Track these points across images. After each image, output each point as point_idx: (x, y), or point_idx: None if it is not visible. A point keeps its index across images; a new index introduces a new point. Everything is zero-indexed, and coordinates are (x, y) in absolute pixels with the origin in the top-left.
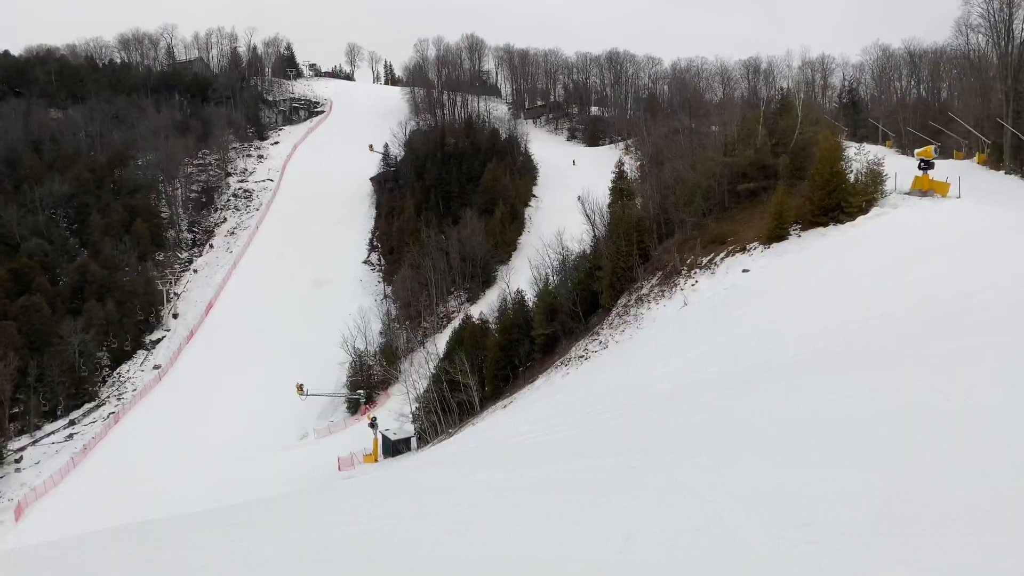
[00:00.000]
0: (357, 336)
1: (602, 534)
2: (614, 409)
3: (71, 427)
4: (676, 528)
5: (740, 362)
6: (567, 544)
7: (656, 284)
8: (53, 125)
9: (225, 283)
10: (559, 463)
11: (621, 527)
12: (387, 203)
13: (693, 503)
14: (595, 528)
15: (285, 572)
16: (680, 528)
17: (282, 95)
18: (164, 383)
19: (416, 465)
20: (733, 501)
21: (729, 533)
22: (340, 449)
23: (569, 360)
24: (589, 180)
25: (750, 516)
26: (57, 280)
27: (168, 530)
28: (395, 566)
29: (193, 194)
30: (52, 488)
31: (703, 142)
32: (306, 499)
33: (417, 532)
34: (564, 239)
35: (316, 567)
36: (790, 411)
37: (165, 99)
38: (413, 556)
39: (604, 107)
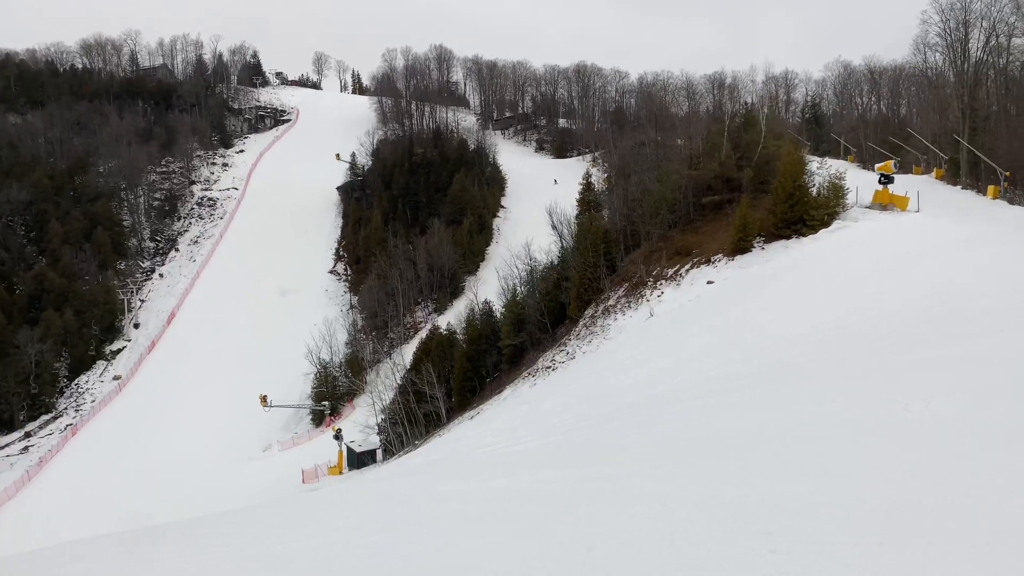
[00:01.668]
0: (322, 347)
1: (565, 545)
2: (580, 420)
3: (27, 439)
4: (640, 538)
5: (705, 373)
6: (530, 555)
7: (622, 295)
8: (12, 131)
9: (188, 292)
10: (524, 474)
11: (584, 537)
12: (354, 212)
13: (657, 512)
14: (558, 539)
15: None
16: (644, 538)
17: (248, 103)
18: (124, 394)
19: (381, 477)
20: (696, 511)
21: (692, 543)
22: (304, 461)
23: (536, 371)
24: (557, 192)
25: (713, 526)
26: (13, 289)
27: (127, 544)
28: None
29: (156, 202)
30: (5, 502)
31: (669, 155)
32: (269, 512)
33: (382, 544)
34: (532, 250)
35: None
36: (753, 421)
37: (128, 106)
38: (378, 568)
39: (572, 119)
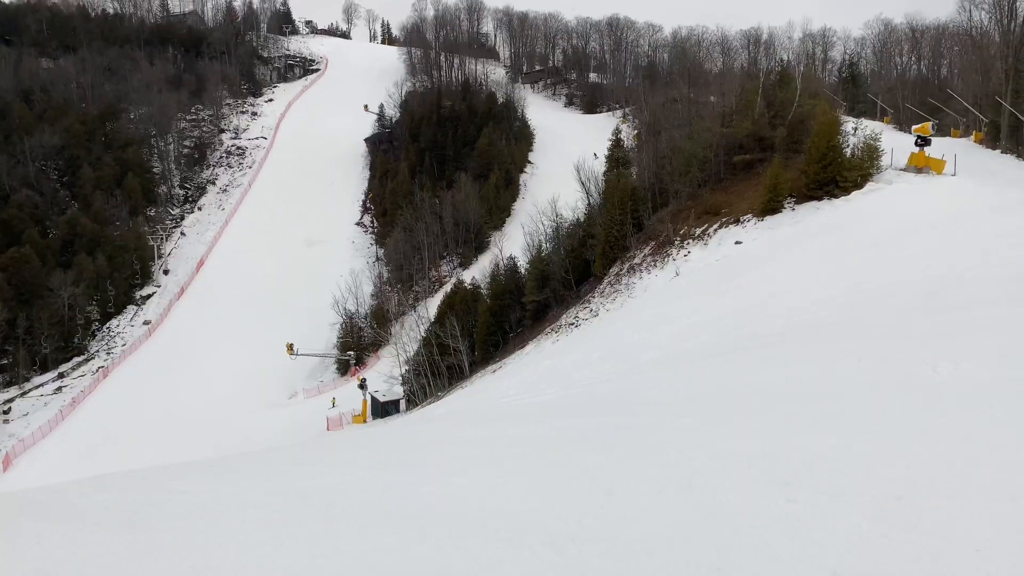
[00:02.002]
0: (348, 298)
1: (583, 489)
2: (602, 375)
3: (60, 380)
4: (659, 485)
5: (729, 332)
6: (548, 497)
7: (648, 254)
8: (44, 75)
9: (217, 241)
10: (544, 422)
11: (603, 482)
12: (381, 164)
13: (676, 462)
14: (577, 483)
15: (266, 517)
16: (662, 485)
17: (277, 52)
18: (154, 339)
19: (403, 424)
20: (715, 461)
21: (710, 491)
22: (329, 409)
23: (559, 327)
24: (585, 148)
25: (731, 475)
26: (47, 232)
27: (153, 478)
28: (374, 512)
29: (186, 150)
30: (40, 440)
31: (701, 112)
32: (291, 452)
33: (399, 482)
34: (558, 206)
35: (297, 512)
36: (777, 380)
37: (158, 52)
38: (396, 503)
39: (603, 74)
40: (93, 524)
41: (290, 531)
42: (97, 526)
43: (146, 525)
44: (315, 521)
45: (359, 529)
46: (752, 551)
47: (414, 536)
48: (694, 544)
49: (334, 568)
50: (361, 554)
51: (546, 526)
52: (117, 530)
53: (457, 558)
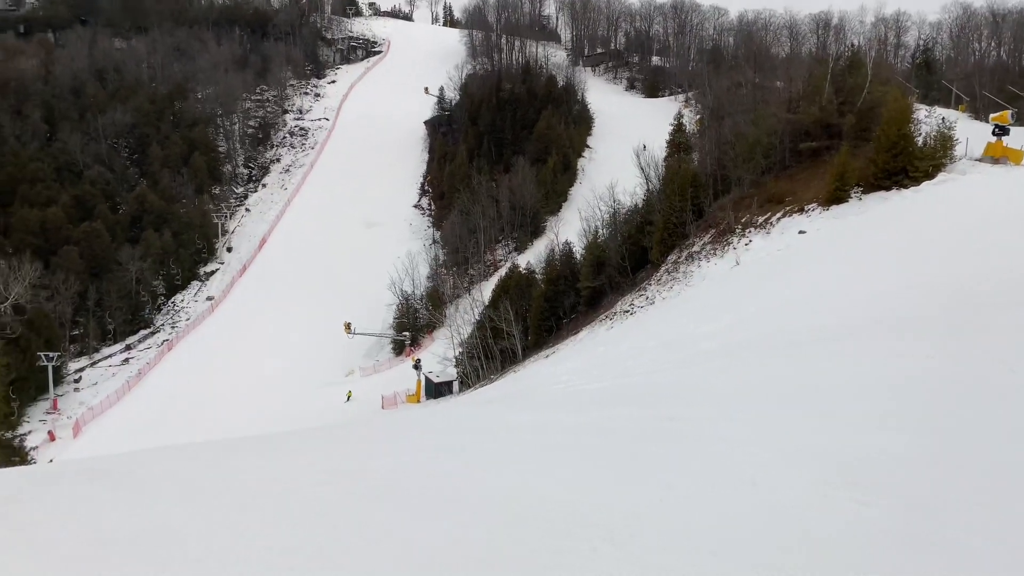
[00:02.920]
0: (405, 279)
1: (641, 482)
2: (657, 364)
3: (127, 351)
4: (718, 481)
5: (791, 324)
6: (604, 490)
7: (708, 242)
8: (117, 55)
9: (279, 220)
10: (598, 410)
11: (661, 475)
12: (440, 147)
13: (736, 457)
14: (633, 476)
15: (320, 497)
16: (722, 481)
17: (341, 33)
18: (216, 314)
19: (456, 406)
20: (777, 457)
21: (773, 488)
22: (384, 388)
23: (614, 314)
24: (646, 132)
25: (794, 473)
26: (117, 208)
27: (212, 451)
28: (428, 496)
29: (250, 130)
30: (108, 408)
31: (766, 97)
32: (347, 431)
33: (453, 467)
34: (616, 192)
35: (351, 493)
36: (839, 374)
37: (225, 33)
38: (450, 488)
39: (665, 57)
40: (151, 496)
41: (344, 513)
42: (155, 498)
43: (201, 500)
44: (369, 503)
45: (412, 513)
46: (816, 555)
47: (469, 523)
48: (756, 544)
49: (387, 552)
50: (414, 539)
51: (604, 519)
52: (175, 502)
53: (514, 549)
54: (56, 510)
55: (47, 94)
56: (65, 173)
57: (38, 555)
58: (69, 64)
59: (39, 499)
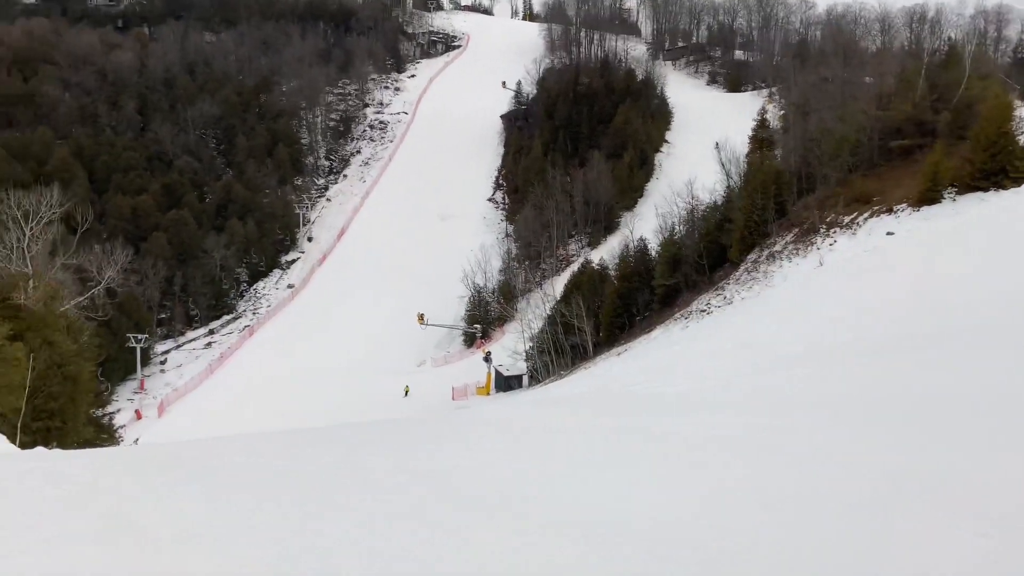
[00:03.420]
0: (477, 272)
1: (737, 500)
2: (738, 367)
3: (210, 336)
4: (821, 502)
5: (878, 329)
6: (697, 507)
7: (791, 241)
8: (207, 48)
9: (357, 211)
10: (682, 417)
11: (757, 494)
12: (515, 141)
13: (841, 476)
14: (728, 493)
15: (392, 496)
16: (825, 502)
17: (421, 28)
18: (296, 302)
19: (530, 402)
20: (886, 480)
21: (886, 514)
22: (454, 379)
23: (690, 313)
24: (727, 128)
25: (909, 499)
26: (204, 197)
27: (287, 443)
28: (506, 503)
29: (332, 123)
30: (191, 390)
31: (855, 93)
32: (421, 426)
33: (530, 472)
34: (695, 188)
35: (424, 494)
36: (942, 385)
37: (310, 27)
38: (530, 496)
39: (749, 51)
40: (226, 484)
41: (417, 516)
42: (229, 487)
43: (272, 493)
44: (443, 506)
45: (487, 518)
46: None
47: (552, 537)
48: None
49: (465, 562)
50: (493, 551)
51: (699, 541)
52: (247, 490)
53: (603, 569)
54: (135, 499)
55: (141, 86)
56: (156, 162)
57: (112, 544)
58: (162, 57)
59: (119, 487)
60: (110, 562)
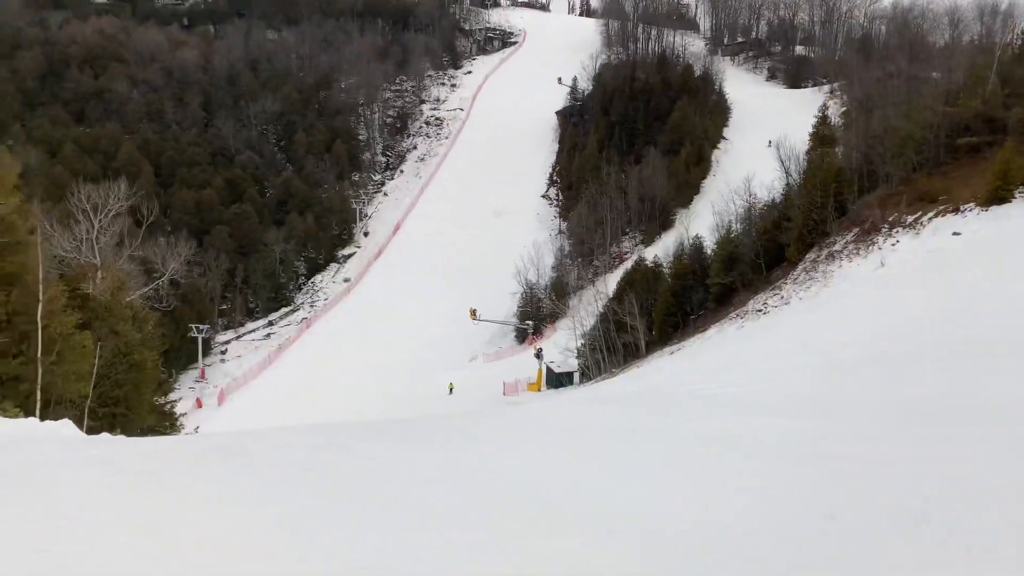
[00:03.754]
0: (530, 268)
1: (798, 509)
2: (795, 370)
3: (269, 327)
4: (887, 512)
5: (942, 333)
6: (756, 516)
7: (851, 241)
8: (269, 46)
9: (412, 207)
10: (739, 420)
11: (820, 503)
12: (570, 138)
13: (906, 487)
14: (789, 501)
15: (438, 496)
16: (891, 513)
17: (478, 24)
18: (352, 296)
19: (581, 400)
20: (954, 489)
21: (950, 527)
22: (506, 374)
23: (745, 313)
24: (786, 124)
25: (977, 511)
26: (264, 192)
27: (340, 435)
28: (555, 506)
29: (389, 119)
30: (250, 380)
31: (921, 89)
32: (469, 423)
33: (581, 475)
34: (752, 185)
35: (470, 494)
36: (1012, 395)
37: (369, 24)
38: (582, 501)
39: (810, 47)
40: (280, 478)
41: (463, 516)
42: (282, 482)
43: (323, 488)
44: (490, 509)
45: (532, 520)
46: None
47: (603, 542)
48: None
49: (510, 568)
50: (542, 555)
51: (759, 553)
52: (300, 482)
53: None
54: (188, 489)
55: (205, 83)
56: (219, 158)
57: (162, 536)
58: (226, 55)
59: (174, 477)
60: (159, 555)
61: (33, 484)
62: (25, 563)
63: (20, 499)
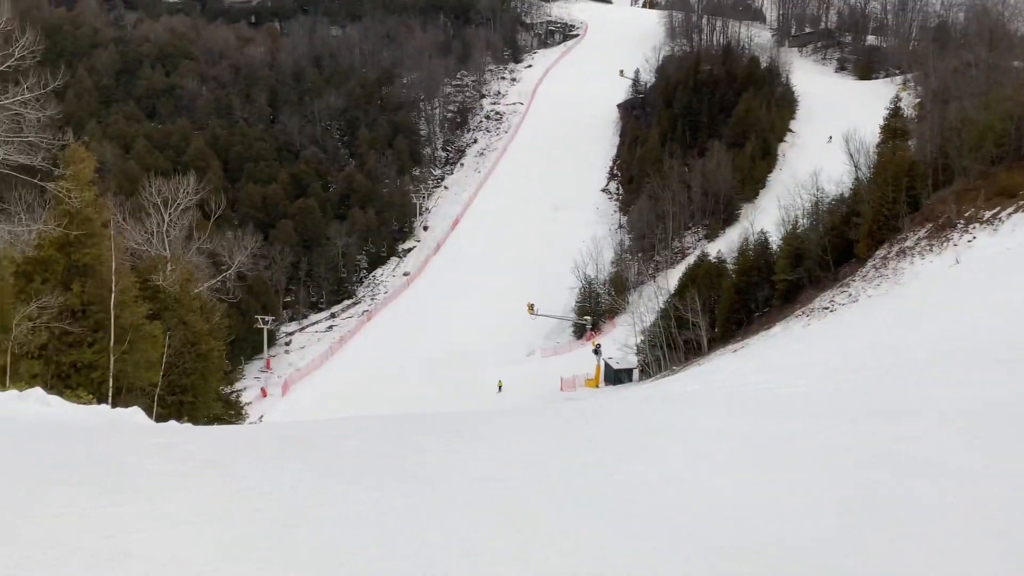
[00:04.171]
0: (589, 263)
1: (868, 516)
2: (863, 369)
3: (331, 320)
4: (962, 524)
5: (1020, 334)
6: (825, 522)
7: (924, 237)
8: (332, 42)
9: (472, 201)
10: (805, 422)
11: (891, 510)
12: (631, 131)
13: (983, 493)
14: (858, 508)
15: (497, 493)
16: (967, 524)
17: (539, 18)
18: (411, 289)
19: (641, 399)
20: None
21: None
22: (563, 370)
23: (812, 310)
24: (856, 117)
25: None
26: (328, 187)
27: (401, 427)
28: (616, 506)
29: (449, 114)
30: (312, 370)
31: (1001, 79)
32: (527, 419)
33: (639, 475)
34: (820, 180)
35: (530, 491)
36: None
37: (431, 20)
38: (642, 500)
39: (882, 36)
40: (338, 470)
41: (521, 513)
42: (340, 473)
43: (379, 482)
44: (549, 507)
45: (593, 519)
46: None
47: (663, 548)
48: None
49: (577, 569)
50: (602, 555)
51: (829, 564)
52: (358, 474)
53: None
54: (249, 477)
55: (271, 79)
56: (284, 153)
57: (223, 525)
58: (291, 51)
59: (236, 466)
60: (222, 542)
61: (102, 471)
62: (91, 549)
63: (90, 486)
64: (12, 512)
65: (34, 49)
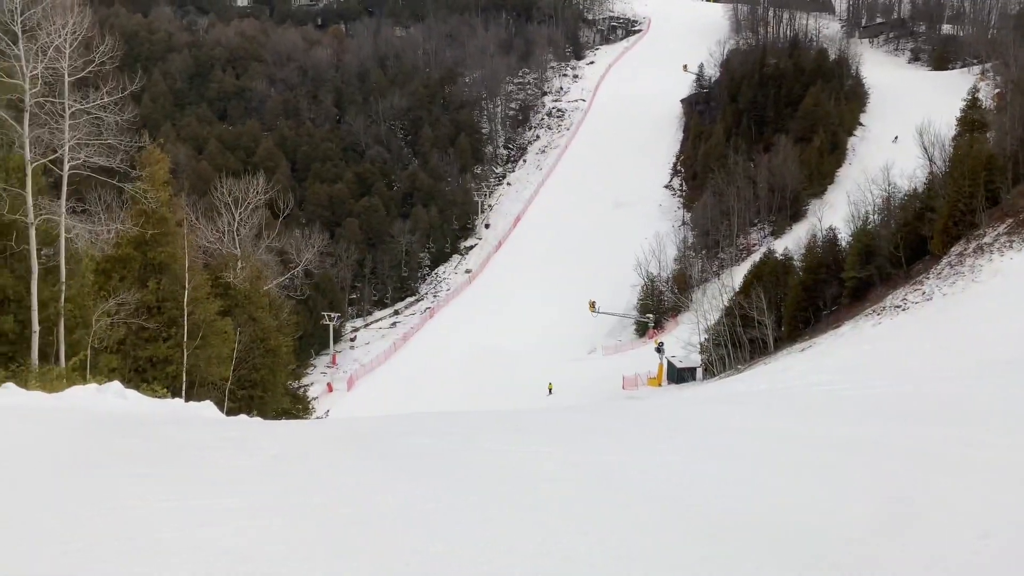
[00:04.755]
0: (651, 260)
1: (945, 524)
2: (938, 370)
3: (395, 316)
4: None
5: None
6: (895, 530)
7: (1003, 233)
8: (397, 43)
9: (533, 199)
10: (871, 424)
11: (970, 519)
12: (695, 126)
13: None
14: (934, 515)
15: (563, 492)
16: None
17: (602, 14)
18: (473, 286)
19: (705, 399)
20: None
21: None
22: (625, 368)
23: (883, 309)
24: (930, 109)
25: None
26: (392, 185)
27: (465, 426)
28: (677, 510)
29: (511, 112)
30: (377, 366)
31: None
32: (590, 418)
33: (701, 474)
34: (891, 174)
35: (595, 493)
36: None
37: (493, 18)
38: (711, 505)
39: (959, 25)
40: (405, 467)
41: (588, 516)
42: (406, 469)
43: (446, 481)
44: (613, 509)
45: (658, 521)
46: None
47: (731, 551)
48: None
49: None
50: (668, 558)
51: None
52: (423, 471)
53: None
54: (316, 473)
55: (337, 80)
56: (350, 152)
57: (290, 519)
58: (356, 52)
59: (304, 460)
60: (289, 540)
61: (176, 465)
62: (164, 542)
63: (164, 480)
64: (88, 504)
65: (113, 55)
